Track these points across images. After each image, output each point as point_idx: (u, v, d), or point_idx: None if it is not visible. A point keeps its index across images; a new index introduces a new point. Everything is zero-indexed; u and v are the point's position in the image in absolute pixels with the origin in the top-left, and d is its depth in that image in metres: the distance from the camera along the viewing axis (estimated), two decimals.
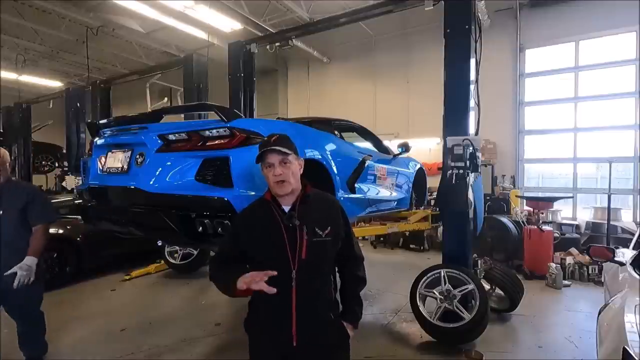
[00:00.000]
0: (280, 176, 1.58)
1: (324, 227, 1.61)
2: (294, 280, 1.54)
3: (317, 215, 1.64)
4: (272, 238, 1.59)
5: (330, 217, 1.67)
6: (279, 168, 1.58)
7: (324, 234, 1.60)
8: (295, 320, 1.55)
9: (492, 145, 8.20)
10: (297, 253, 1.56)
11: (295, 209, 1.62)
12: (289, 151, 1.61)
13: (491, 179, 8.19)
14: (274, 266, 1.52)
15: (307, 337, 1.57)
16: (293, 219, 1.59)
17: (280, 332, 1.57)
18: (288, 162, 1.60)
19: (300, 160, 1.71)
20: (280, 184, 1.59)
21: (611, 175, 6.58)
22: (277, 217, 1.61)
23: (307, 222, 1.60)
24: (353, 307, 1.75)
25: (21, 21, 8.57)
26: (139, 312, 4.51)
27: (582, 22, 7.64)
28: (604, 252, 3.12)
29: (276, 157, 1.59)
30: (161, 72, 8.01)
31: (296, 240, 1.57)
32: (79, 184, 6.44)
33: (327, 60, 10.88)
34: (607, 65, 7.72)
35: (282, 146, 1.59)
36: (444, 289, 3.55)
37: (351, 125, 4.50)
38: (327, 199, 1.79)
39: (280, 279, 1.50)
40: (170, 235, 2.64)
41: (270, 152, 1.59)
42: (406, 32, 9.44)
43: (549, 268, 5.49)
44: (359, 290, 1.79)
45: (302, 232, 1.57)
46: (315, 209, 1.66)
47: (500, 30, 8.24)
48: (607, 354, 1.91)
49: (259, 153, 1.63)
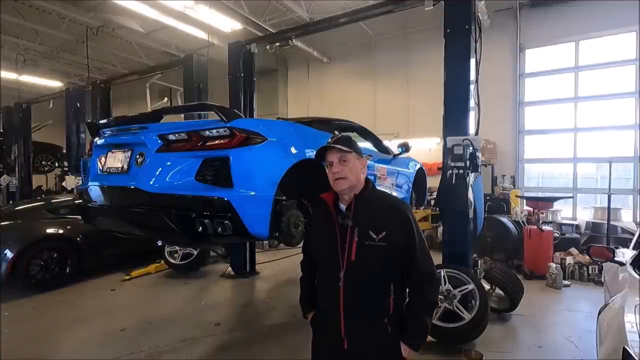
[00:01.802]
0: (338, 173, 1.58)
1: (379, 231, 1.53)
2: (342, 280, 1.54)
3: (373, 218, 1.58)
4: (326, 237, 1.61)
5: (389, 221, 1.57)
6: (337, 166, 1.59)
7: (377, 238, 1.53)
8: (343, 322, 1.54)
9: (492, 145, 8.20)
10: (347, 254, 1.54)
11: (350, 209, 1.60)
12: (349, 149, 1.61)
13: (491, 179, 8.19)
14: (326, 264, 1.58)
15: (357, 341, 1.55)
16: (346, 219, 1.58)
17: (332, 332, 1.57)
18: (347, 160, 1.60)
19: (363, 160, 1.69)
20: (337, 181, 1.59)
21: (611, 175, 6.58)
22: (333, 216, 1.62)
23: (361, 223, 1.56)
24: (413, 328, 1.57)
25: (21, 21, 8.58)
26: (139, 312, 4.50)
27: (582, 22, 7.65)
28: (604, 252, 3.11)
29: (335, 155, 1.61)
30: (161, 72, 7.99)
31: (346, 241, 1.55)
32: (79, 184, 6.43)
33: (327, 60, 10.88)
34: (607, 65, 7.73)
35: (341, 144, 1.61)
36: (444, 289, 3.55)
37: (351, 125, 4.50)
38: (391, 203, 1.68)
39: (330, 278, 1.54)
40: (170, 235, 2.64)
41: (330, 149, 1.62)
42: (406, 32, 9.45)
43: (549, 268, 5.49)
44: (424, 313, 1.58)
45: (354, 233, 1.55)
46: (374, 211, 1.60)
47: (500, 30, 8.24)
48: (607, 354, 1.91)
49: (319, 151, 1.66)
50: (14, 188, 10.01)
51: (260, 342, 3.51)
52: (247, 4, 7.83)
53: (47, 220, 5.57)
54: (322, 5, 8.00)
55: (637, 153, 7.38)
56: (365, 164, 1.71)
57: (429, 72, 8.51)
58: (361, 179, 1.64)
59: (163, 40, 10.04)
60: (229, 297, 5.20)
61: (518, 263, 6.17)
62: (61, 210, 5.87)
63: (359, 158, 1.65)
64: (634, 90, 7.42)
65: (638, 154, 7.37)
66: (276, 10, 8.30)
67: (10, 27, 8.98)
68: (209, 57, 7.04)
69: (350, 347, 1.54)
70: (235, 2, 7.61)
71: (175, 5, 7.17)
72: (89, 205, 2.99)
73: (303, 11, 8.16)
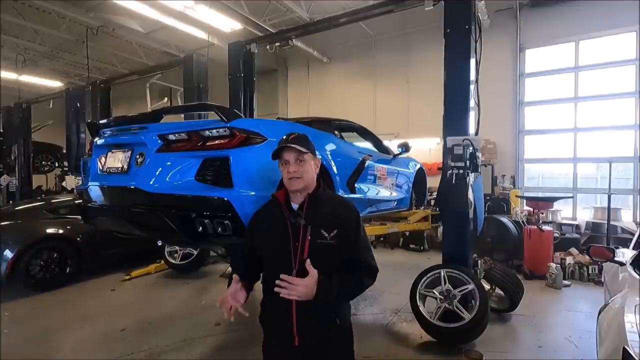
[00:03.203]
0: (294, 173, 1.60)
1: (330, 229, 1.59)
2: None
3: (325, 216, 1.62)
4: (278, 235, 1.61)
5: (339, 220, 1.63)
6: (293, 165, 1.61)
7: (329, 237, 1.58)
8: (295, 320, 1.56)
9: (492, 145, 8.20)
10: (299, 252, 1.56)
11: (302, 208, 1.62)
12: (305, 150, 1.63)
13: (491, 179, 8.19)
14: (277, 263, 1.57)
15: (308, 338, 1.58)
16: (299, 218, 1.59)
17: (283, 330, 1.59)
18: (303, 160, 1.62)
19: (317, 160, 1.72)
20: (292, 180, 1.61)
21: (611, 175, 6.58)
22: (284, 215, 1.63)
23: (313, 222, 1.59)
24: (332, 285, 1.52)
25: (21, 21, 8.58)
26: (139, 312, 4.51)
27: (582, 22, 7.64)
28: (604, 252, 3.11)
29: (292, 155, 1.62)
30: (161, 72, 8.00)
31: (299, 239, 1.57)
32: (79, 184, 6.43)
33: (327, 60, 10.88)
34: (607, 65, 7.72)
35: (298, 144, 1.62)
36: (444, 289, 3.55)
37: (351, 125, 4.50)
38: (340, 203, 1.75)
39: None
40: (170, 235, 2.64)
41: (287, 149, 1.62)
42: (406, 32, 9.45)
43: (549, 268, 5.49)
44: (349, 289, 1.61)
45: (306, 232, 1.57)
46: (325, 210, 1.64)
47: (500, 30, 8.24)
48: (607, 354, 1.91)
49: (276, 149, 1.65)
50: (14, 188, 10.01)
51: (260, 342, 3.52)
52: (247, 4, 7.83)
53: (47, 220, 5.57)
54: (322, 5, 8.00)
55: (637, 153, 7.38)
56: (319, 164, 1.75)
57: (429, 72, 8.50)
58: (314, 178, 1.67)
59: (163, 40, 10.03)
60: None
61: (518, 263, 6.18)
62: (61, 210, 5.87)
63: (314, 158, 1.70)
64: (634, 90, 7.41)
65: (638, 154, 7.36)
66: (276, 10, 8.30)
67: (10, 27, 8.98)
68: (209, 57, 7.05)
69: (301, 342, 1.57)
70: (235, 2, 7.61)
71: (175, 5, 7.17)
72: (89, 205, 2.99)
73: (303, 11, 8.16)
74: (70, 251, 5.41)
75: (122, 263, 6.11)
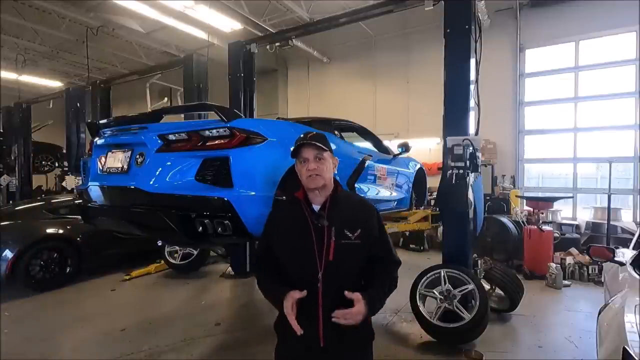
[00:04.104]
0: (314, 171, 1.58)
1: (354, 229, 1.57)
2: (320, 281, 1.53)
3: (347, 216, 1.61)
4: (300, 237, 1.57)
5: (362, 219, 1.63)
6: (313, 163, 1.59)
7: (353, 237, 1.56)
8: (321, 322, 1.53)
9: (492, 145, 8.20)
10: (324, 254, 1.53)
11: (325, 209, 1.60)
12: (325, 147, 1.62)
13: (491, 179, 8.18)
14: (301, 266, 1.55)
15: (334, 339, 1.55)
16: (322, 219, 1.57)
17: (307, 332, 1.53)
18: (322, 158, 1.61)
19: (335, 159, 1.70)
20: (311, 177, 1.58)
21: (611, 175, 6.58)
22: (306, 216, 1.60)
23: (336, 223, 1.57)
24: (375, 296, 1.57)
25: (21, 21, 8.57)
26: (139, 312, 4.51)
27: (582, 22, 7.64)
28: (604, 252, 3.12)
29: (311, 152, 1.60)
30: (161, 72, 7.99)
31: (324, 241, 1.54)
32: (79, 184, 6.43)
33: (327, 60, 10.87)
34: (607, 65, 7.72)
35: (319, 142, 1.61)
36: (444, 289, 3.55)
37: (351, 125, 4.50)
38: (360, 201, 1.76)
39: (306, 279, 1.51)
40: (170, 235, 2.64)
41: (307, 146, 1.61)
42: (406, 32, 9.44)
43: (549, 268, 5.49)
44: (387, 289, 1.65)
45: (330, 233, 1.55)
46: (346, 210, 1.63)
47: (500, 30, 8.24)
48: (607, 354, 1.91)
49: (295, 147, 1.63)
50: (14, 188, 10.01)
51: (260, 342, 3.47)
52: (247, 4, 7.83)
53: (47, 220, 5.57)
54: (322, 5, 8.00)
55: (637, 153, 7.38)
56: (337, 163, 1.73)
57: (429, 72, 8.50)
58: (332, 178, 1.66)
59: (163, 40, 10.03)
60: (229, 297, 5.20)
61: (518, 263, 6.18)
62: (61, 210, 5.87)
63: (333, 157, 1.68)
64: (634, 90, 7.41)
65: (638, 154, 7.36)
66: (276, 10, 8.30)
67: (10, 27, 8.98)
68: (209, 57, 7.04)
69: (327, 344, 1.54)
70: (235, 2, 7.61)
71: (175, 5, 7.17)
72: (89, 205, 2.99)
73: (303, 11, 8.16)
74: (70, 251, 5.41)
75: (122, 263, 6.11)
